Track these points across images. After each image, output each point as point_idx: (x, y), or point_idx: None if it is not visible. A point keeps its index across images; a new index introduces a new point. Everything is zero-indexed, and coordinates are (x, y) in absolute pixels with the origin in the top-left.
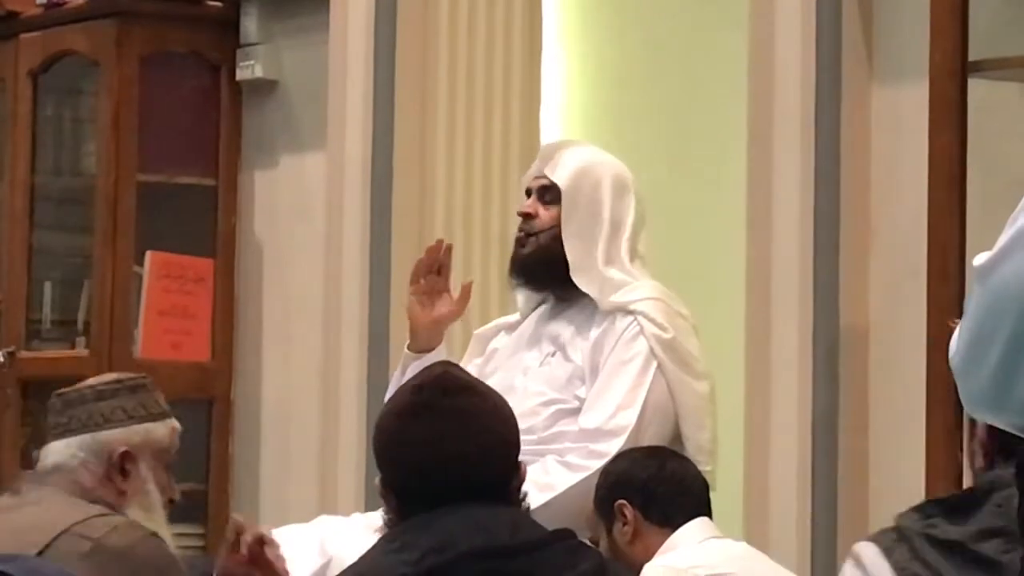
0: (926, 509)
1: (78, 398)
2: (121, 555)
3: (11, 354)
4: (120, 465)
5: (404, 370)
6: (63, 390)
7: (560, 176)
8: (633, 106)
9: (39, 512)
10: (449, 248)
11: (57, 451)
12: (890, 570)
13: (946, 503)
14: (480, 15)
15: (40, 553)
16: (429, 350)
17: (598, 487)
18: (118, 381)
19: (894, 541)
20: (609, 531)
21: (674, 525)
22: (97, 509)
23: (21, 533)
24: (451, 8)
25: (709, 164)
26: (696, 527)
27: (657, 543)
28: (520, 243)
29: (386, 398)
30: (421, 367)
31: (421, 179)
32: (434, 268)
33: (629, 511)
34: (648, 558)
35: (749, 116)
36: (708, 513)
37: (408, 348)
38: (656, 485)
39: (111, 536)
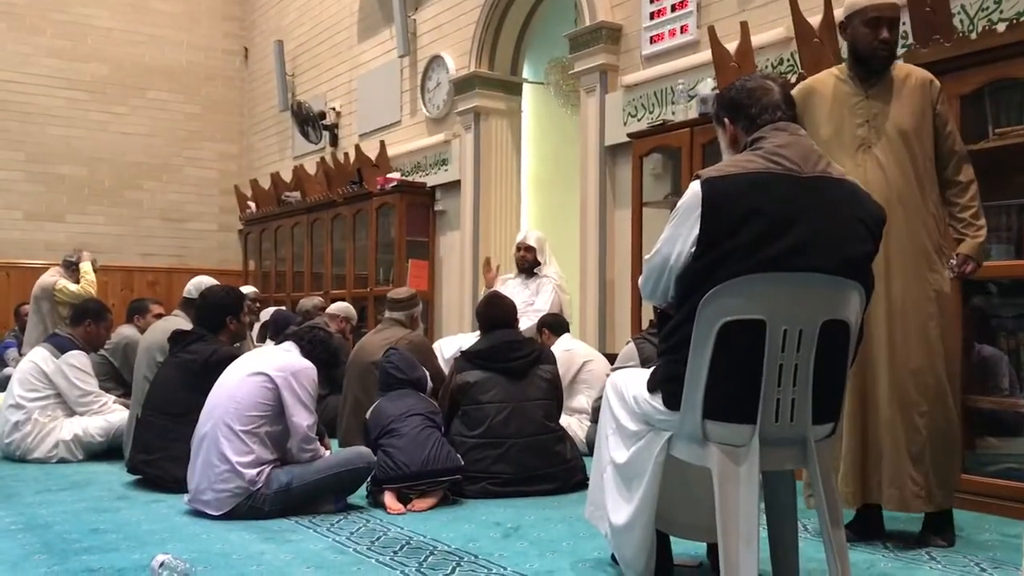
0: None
1: (406, 297)
2: (420, 343)
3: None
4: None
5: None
6: (395, 295)
7: (531, 240)
8: None
9: (391, 332)
10: (487, 261)
11: (394, 313)
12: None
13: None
14: None
15: (396, 342)
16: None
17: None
18: (412, 294)
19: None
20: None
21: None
22: (407, 331)
23: (387, 339)
24: None
25: None
26: (567, 336)
27: (551, 343)
28: (522, 262)
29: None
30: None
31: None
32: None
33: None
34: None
35: None
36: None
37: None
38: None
39: (415, 336)
